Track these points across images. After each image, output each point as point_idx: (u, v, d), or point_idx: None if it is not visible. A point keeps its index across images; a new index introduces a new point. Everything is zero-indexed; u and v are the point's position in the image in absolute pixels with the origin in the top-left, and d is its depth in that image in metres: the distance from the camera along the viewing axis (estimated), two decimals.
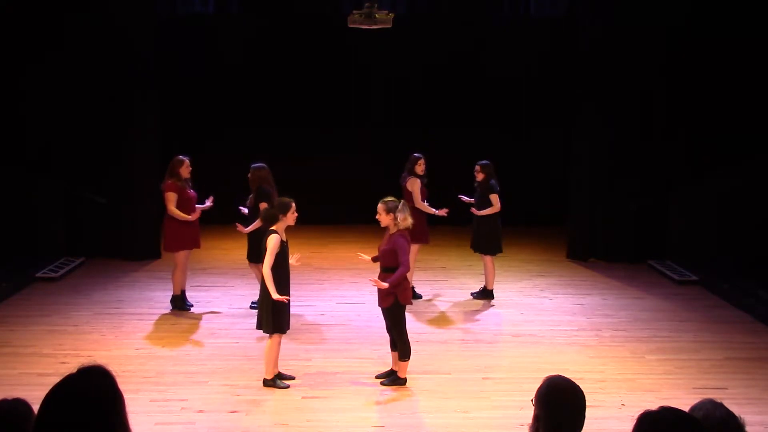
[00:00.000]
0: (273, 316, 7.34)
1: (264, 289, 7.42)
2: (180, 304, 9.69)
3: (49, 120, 11.78)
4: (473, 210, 10.22)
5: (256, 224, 9.15)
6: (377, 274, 7.60)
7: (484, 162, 10.25)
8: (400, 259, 7.42)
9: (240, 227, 9.49)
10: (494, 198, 10.06)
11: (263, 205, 9.28)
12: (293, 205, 7.46)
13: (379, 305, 7.65)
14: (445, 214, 10.11)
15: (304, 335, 8.92)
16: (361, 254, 8.06)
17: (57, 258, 11.57)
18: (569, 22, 13.28)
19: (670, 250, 12.32)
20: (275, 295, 7.24)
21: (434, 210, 10.10)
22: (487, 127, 14.38)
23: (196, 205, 9.64)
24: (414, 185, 10.01)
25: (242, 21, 14.31)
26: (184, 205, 9.46)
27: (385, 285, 7.36)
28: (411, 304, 7.85)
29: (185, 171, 9.46)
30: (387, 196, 7.77)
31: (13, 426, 2.87)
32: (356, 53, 14.09)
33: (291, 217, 7.45)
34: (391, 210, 7.49)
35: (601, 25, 12.08)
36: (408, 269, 7.53)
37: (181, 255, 9.58)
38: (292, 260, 7.57)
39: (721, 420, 3.08)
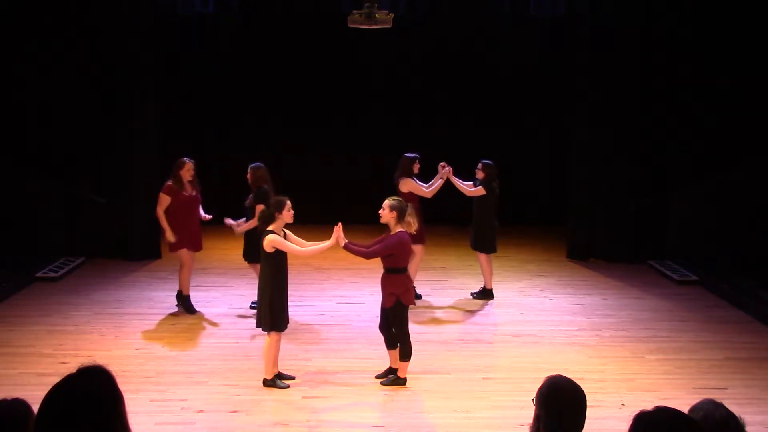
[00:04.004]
0: (270, 314, 7.36)
1: (261, 288, 7.46)
2: (185, 304, 9.61)
3: (49, 120, 11.78)
4: (443, 163, 9.99)
5: (251, 223, 9.18)
6: (380, 274, 7.64)
7: (486, 161, 10.17)
8: (377, 246, 7.42)
9: (228, 221, 9.49)
10: (479, 189, 10.02)
11: (260, 207, 9.32)
12: (288, 202, 7.42)
13: (383, 306, 7.64)
14: (445, 168, 9.96)
15: (304, 335, 8.92)
16: (339, 229, 7.36)
17: (57, 258, 11.56)
18: (569, 21, 13.28)
19: (670, 250, 12.33)
20: (331, 241, 7.27)
21: (439, 179, 9.95)
22: (487, 126, 14.39)
23: (204, 214, 9.59)
24: (409, 185, 9.92)
25: (242, 21, 14.31)
26: (180, 207, 9.35)
27: (343, 239, 7.26)
28: (414, 304, 7.85)
29: (186, 173, 9.37)
30: (387, 195, 7.77)
31: (13, 426, 2.88)
32: (356, 53, 14.09)
33: (287, 215, 7.41)
34: (394, 209, 7.44)
35: (601, 24, 12.08)
36: (370, 257, 7.49)
37: (183, 254, 9.51)
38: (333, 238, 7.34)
39: (721, 420, 3.09)
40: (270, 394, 7.37)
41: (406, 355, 7.61)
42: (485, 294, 10.38)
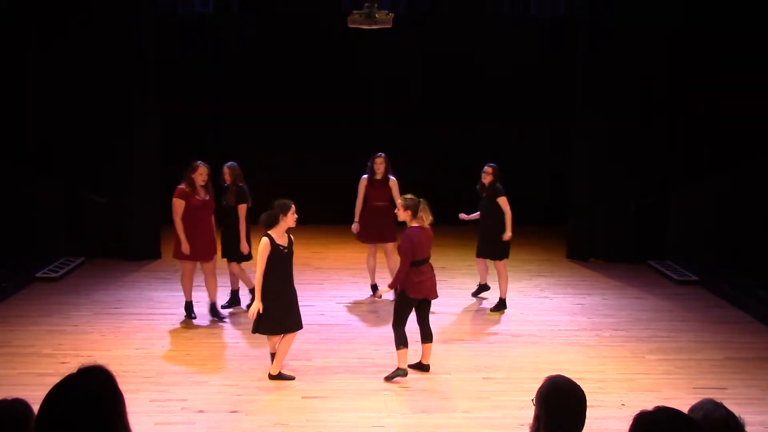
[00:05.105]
0: (258, 316, 7.48)
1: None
2: (187, 309, 9.45)
3: (49, 120, 11.77)
4: (507, 237, 9.78)
5: (243, 225, 9.36)
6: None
7: (492, 164, 9.89)
8: (401, 263, 7.73)
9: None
10: (504, 202, 9.76)
11: (244, 206, 9.39)
12: (293, 206, 7.47)
13: None
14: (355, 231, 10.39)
15: (304, 335, 8.88)
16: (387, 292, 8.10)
17: (57, 258, 11.56)
18: (569, 21, 13.28)
19: (670, 250, 12.32)
20: (257, 303, 7.42)
21: (355, 221, 10.45)
22: (487, 126, 14.37)
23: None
24: (359, 185, 10.31)
25: (242, 21, 14.32)
26: (191, 213, 9.09)
27: (386, 290, 7.90)
28: (424, 298, 7.86)
29: (198, 177, 9.08)
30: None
31: (13, 426, 2.87)
32: (356, 53, 14.09)
33: (291, 218, 7.46)
34: (408, 208, 7.73)
35: (601, 24, 12.08)
36: (403, 267, 7.66)
37: (187, 264, 9.27)
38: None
39: (721, 420, 3.08)
40: (270, 394, 7.37)
41: (398, 343, 7.68)
42: (500, 305, 9.97)
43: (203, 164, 9.20)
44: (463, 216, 10.24)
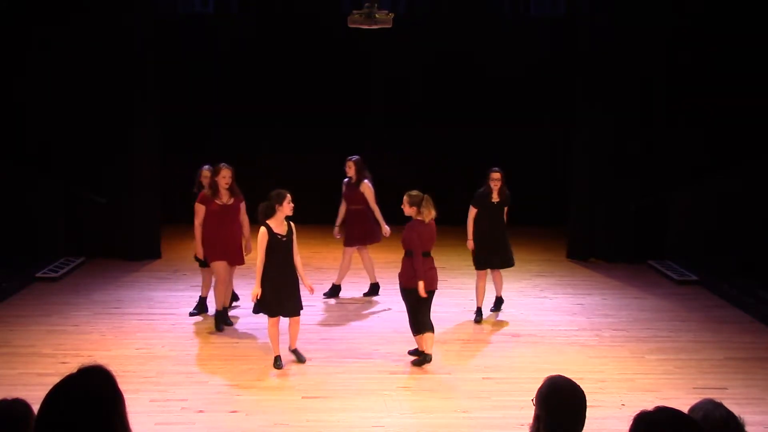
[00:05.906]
0: (261, 298, 7.78)
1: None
2: (219, 321, 9.11)
3: (49, 119, 11.76)
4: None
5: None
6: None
7: (499, 168, 9.57)
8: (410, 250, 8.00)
9: None
10: (506, 210, 9.65)
11: None
12: (289, 195, 7.72)
13: None
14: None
15: (303, 335, 8.89)
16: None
17: (57, 258, 11.56)
18: (569, 21, 13.28)
19: (670, 250, 12.32)
20: (256, 288, 7.73)
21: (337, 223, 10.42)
22: (487, 126, 14.36)
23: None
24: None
25: (242, 21, 14.32)
26: (213, 216, 8.95)
27: (420, 288, 7.90)
28: (424, 291, 7.98)
29: (221, 180, 8.92)
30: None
31: (13, 426, 2.88)
32: (356, 53, 14.09)
33: (287, 207, 7.72)
34: (413, 204, 7.98)
35: (600, 25, 12.08)
36: (416, 257, 7.89)
37: (218, 267, 9.04)
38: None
39: (721, 420, 3.08)
40: (270, 394, 7.38)
41: (415, 331, 8.05)
42: (499, 303, 9.95)
43: (226, 166, 9.02)
44: (471, 245, 9.79)
